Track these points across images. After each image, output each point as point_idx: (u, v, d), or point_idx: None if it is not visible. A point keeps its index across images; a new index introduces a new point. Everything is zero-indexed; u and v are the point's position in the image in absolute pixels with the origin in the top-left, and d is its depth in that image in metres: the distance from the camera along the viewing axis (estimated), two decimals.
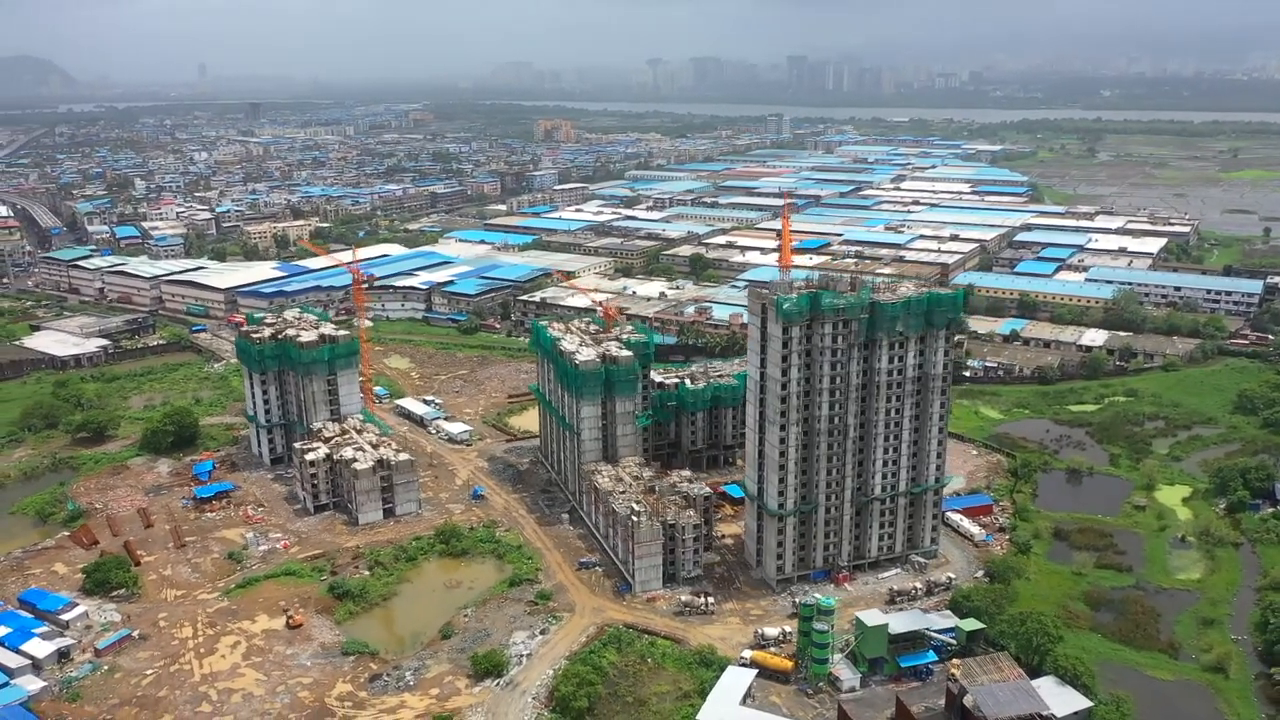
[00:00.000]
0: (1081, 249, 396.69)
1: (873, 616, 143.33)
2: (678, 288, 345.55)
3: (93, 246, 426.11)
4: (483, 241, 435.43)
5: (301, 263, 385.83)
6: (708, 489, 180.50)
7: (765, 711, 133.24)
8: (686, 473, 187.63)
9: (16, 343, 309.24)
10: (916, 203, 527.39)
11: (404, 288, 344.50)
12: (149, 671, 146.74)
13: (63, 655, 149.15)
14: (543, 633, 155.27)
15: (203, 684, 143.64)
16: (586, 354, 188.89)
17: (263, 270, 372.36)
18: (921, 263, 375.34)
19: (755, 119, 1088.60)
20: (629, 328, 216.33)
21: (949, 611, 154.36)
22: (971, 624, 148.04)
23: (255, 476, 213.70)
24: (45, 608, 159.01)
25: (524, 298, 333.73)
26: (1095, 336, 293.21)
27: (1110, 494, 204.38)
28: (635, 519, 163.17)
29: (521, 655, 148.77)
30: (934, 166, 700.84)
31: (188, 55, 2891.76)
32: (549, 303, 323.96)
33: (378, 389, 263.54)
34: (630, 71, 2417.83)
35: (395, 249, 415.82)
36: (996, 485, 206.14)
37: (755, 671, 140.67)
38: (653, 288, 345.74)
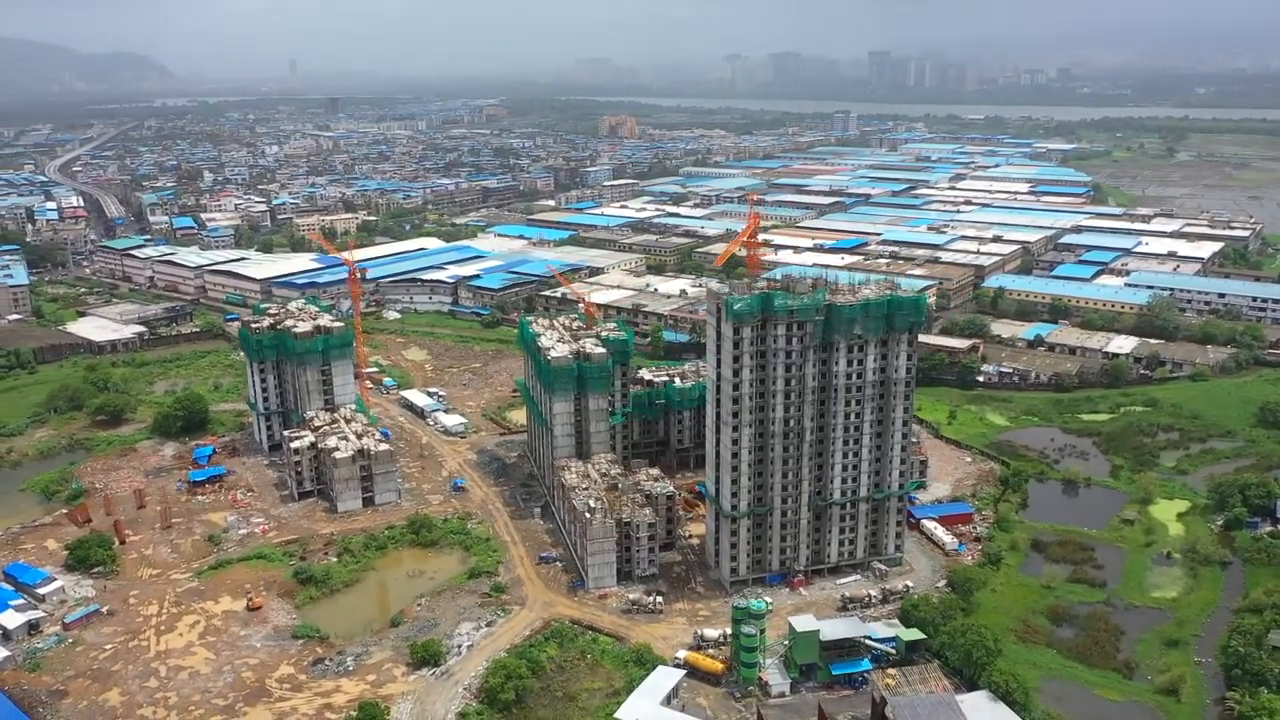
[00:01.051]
0: (1128, 253, 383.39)
1: (804, 622, 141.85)
2: (700, 285, 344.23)
3: (148, 236, 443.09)
4: (521, 236, 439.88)
5: (340, 254, 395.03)
6: (671, 488, 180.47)
7: (685, 713, 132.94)
8: (655, 471, 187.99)
9: (61, 328, 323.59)
10: (968, 202, 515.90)
11: (431, 281, 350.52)
12: (108, 646, 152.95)
13: (33, 627, 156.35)
14: (489, 625, 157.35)
15: (155, 660, 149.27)
16: (559, 350, 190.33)
17: (301, 262, 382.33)
18: (956, 264, 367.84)
19: (823, 116, 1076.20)
20: (611, 325, 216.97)
21: (896, 620, 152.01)
22: (912, 634, 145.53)
23: (252, 462, 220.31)
24: (26, 581, 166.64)
25: (546, 293, 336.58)
26: (1123, 343, 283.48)
27: (1104, 506, 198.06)
28: (588, 515, 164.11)
29: (462, 646, 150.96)
30: (997, 165, 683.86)
31: (280, 51, 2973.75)
32: (569, 298, 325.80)
33: (386, 380, 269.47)
34: (708, 67, 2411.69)
35: (433, 242, 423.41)
36: (983, 494, 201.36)
37: (683, 672, 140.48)
38: (676, 285, 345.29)
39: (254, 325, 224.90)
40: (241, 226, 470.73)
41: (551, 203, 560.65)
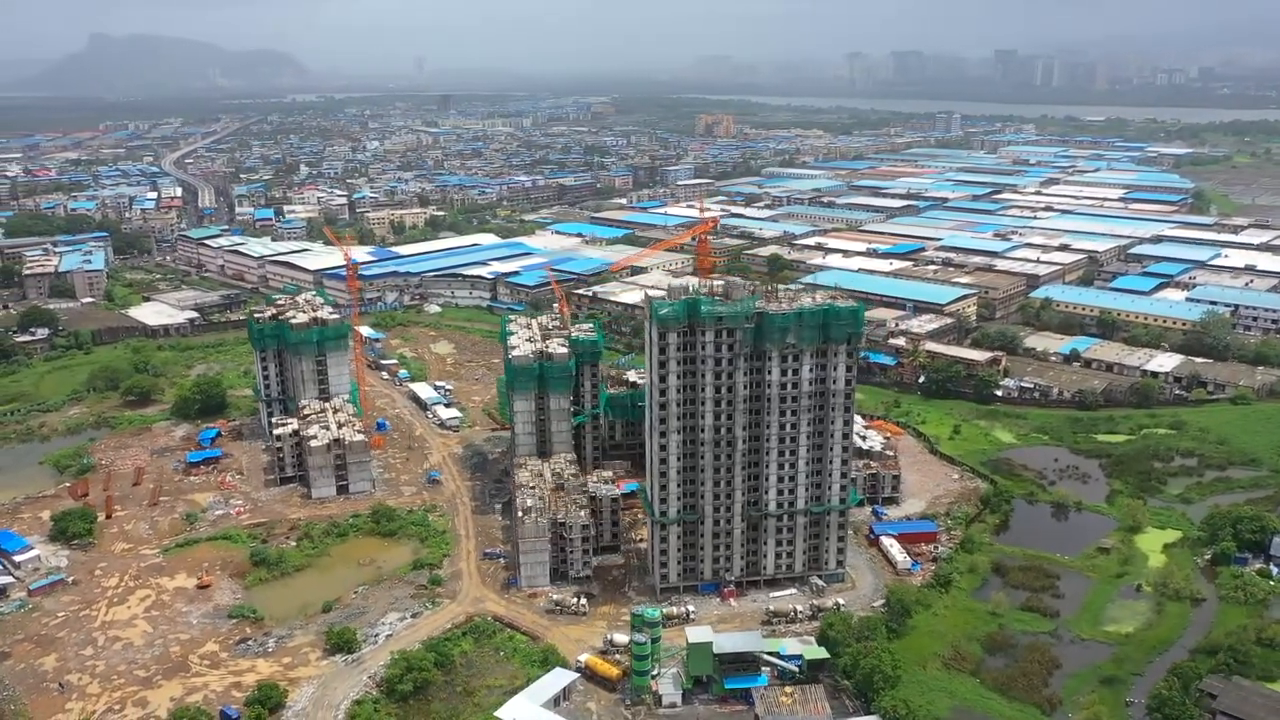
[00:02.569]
0: (1202, 265, 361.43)
1: (699, 633, 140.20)
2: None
3: (225, 226, 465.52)
4: (579, 234, 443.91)
5: (394, 248, 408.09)
6: (617, 491, 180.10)
7: (565, 716, 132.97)
8: (608, 473, 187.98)
9: (123, 311, 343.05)
10: (1049, 208, 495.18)
11: (472, 276, 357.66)
12: (61, 614, 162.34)
13: (0, 592, 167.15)
14: (414, 616, 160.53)
15: (98, 629, 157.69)
16: (522, 349, 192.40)
17: (356, 254, 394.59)
18: (1009, 273, 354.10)
19: (928, 116, 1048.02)
20: (586, 325, 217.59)
21: (810, 638, 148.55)
22: (817, 652, 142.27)
23: (251, 446, 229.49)
24: (7, 548, 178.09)
25: (580, 291, 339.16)
26: (1164, 362, 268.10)
27: (1087, 533, 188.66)
28: (521, 514, 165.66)
29: (380, 635, 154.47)
30: (1096, 170, 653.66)
31: (410, 48, 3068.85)
32: (600, 297, 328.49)
33: (401, 372, 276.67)
34: (827, 65, 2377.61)
35: (489, 238, 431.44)
36: (958, 513, 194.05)
37: (575, 675, 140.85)
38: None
39: (258, 315, 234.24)
40: (317, 219, 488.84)
41: (623, 201, 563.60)
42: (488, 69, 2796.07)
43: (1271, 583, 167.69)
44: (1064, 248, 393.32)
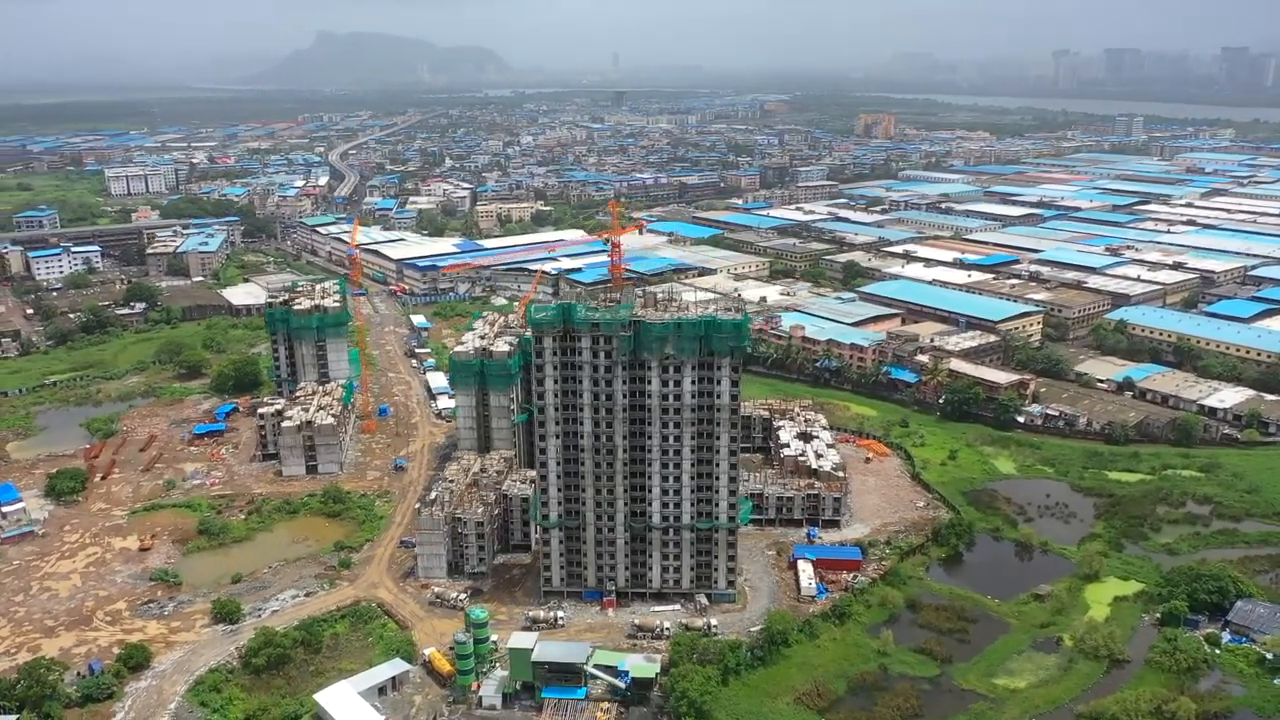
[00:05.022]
0: None
1: (520, 639, 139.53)
2: (789, 294, 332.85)
3: (340, 214, 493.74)
4: (668, 233, 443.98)
5: (480, 241, 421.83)
6: (529, 491, 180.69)
7: (382, 708, 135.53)
8: (532, 474, 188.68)
9: (218, 290, 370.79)
10: (1190, 222, 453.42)
11: (536, 271, 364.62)
12: (16, 561, 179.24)
13: None
14: (307, 595, 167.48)
15: (38, 579, 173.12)
16: (465, 345, 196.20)
17: (441, 246, 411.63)
18: (1096, 290, 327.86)
19: (1106, 119, 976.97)
20: None
21: (655, 654, 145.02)
22: (643, 670, 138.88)
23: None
24: (1, 499, 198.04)
25: (636, 289, 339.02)
26: (1227, 397, 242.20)
27: (1040, 576, 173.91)
28: (419, 507, 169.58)
29: (265, 611, 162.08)
30: (1276, 181, 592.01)
31: (608, 45, 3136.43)
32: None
33: (427, 361, 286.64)
34: (1033, 64, 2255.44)
35: (576, 234, 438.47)
36: (900, 543, 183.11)
37: (410, 667, 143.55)
38: (768, 291, 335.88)
39: (272, 300, 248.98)
40: (433, 210, 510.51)
41: (739, 201, 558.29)
42: (682, 65, 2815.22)
43: (1217, 651, 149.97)
44: (1177, 266, 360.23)
